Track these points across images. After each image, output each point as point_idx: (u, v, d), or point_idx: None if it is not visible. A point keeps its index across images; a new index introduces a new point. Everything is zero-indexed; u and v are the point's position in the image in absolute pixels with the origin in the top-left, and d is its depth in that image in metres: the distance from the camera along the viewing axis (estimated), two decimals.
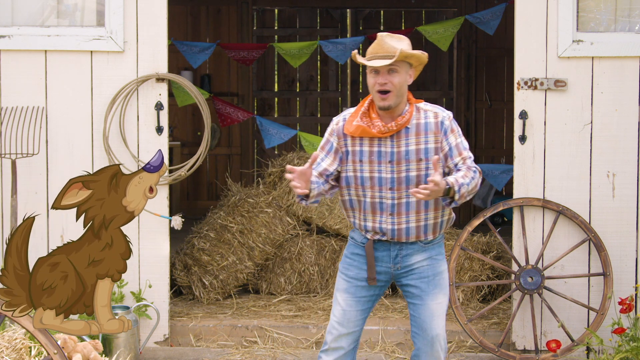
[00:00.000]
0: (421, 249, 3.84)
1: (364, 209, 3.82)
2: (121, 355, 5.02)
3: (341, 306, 3.88)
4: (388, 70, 3.73)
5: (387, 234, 3.80)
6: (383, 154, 3.76)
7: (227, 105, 7.71)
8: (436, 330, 3.81)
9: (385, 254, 3.84)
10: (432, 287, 3.84)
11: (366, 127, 3.74)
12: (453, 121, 3.85)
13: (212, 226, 6.56)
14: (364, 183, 3.79)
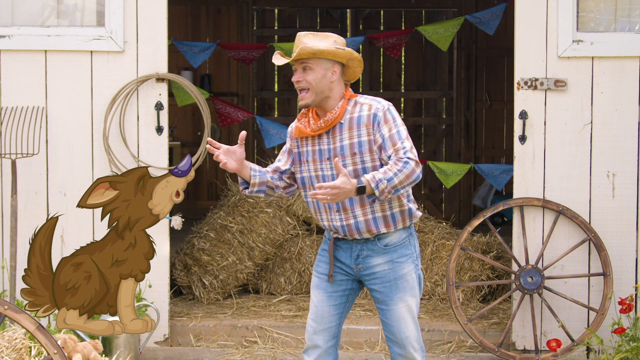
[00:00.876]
0: (381, 251, 3.79)
1: (318, 209, 3.83)
2: (121, 355, 5.02)
3: (314, 302, 3.90)
4: (303, 69, 3.74)
5: (340, 231, 3.80)
6: (322, 151, 3.78)
7: (227, 105, 7.71)
8: (405, 334, 3.79)
9: (347, 253, 3.84)
10: (394, 292, 3.79)
11: (302, 127, 3.79)
12: (389, 112, 3.76)
13: (212, 226, 6.56)
14: (312, 183, 3.82)
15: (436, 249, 6.45)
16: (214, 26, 10.08)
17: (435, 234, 6.53)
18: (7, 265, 5.36)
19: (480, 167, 6.88)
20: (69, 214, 5.37)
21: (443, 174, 6.88)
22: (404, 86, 10.36)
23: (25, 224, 5.32)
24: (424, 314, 6.06)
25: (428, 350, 5.63)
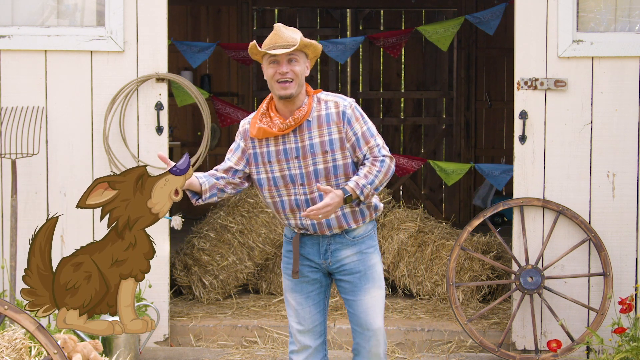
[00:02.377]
0: (349, 242, 3.82)
1: (284, 209, 3.81)
2: (121, 355, 5.02)
3: (292, 306, 3.89)
4: (288, 60, 3.72)
5: (310, 229, 3.80)
6: (289, 150, 3.75)
7: (226, 105, 7.71)
8: (373, 325, 3.81)
9: (314, 249, 3.84)
10: (364, 282, 3.82)
11: (266, 127, 3.74)
12: (356, 109, 3.78)
13: (212, 226, 6.56)
14: (276, 183, 3.79)
15: (436, 249, 6.45)
16: (214, 26, 10.08)
17: (435, 234, 6.53)
18: (7, 265, 5.36)
19: (480, 167, 6.88)
20: (69, 214, 5.37)
21: (444, 172, 6.89)
22: (404, 86, 10.36)
23: (25, 224, 5.32)
24: (423, 314, 6.06)
25: (428, 350, 5.63)
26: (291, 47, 3.69)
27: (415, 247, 6.49)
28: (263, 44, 3.77)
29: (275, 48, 3.70)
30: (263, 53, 3.75)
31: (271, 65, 3.73)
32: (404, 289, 6.54)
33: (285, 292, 3.93)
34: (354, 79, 10.28)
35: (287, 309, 3.94)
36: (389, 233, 6.56)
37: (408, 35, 7.69)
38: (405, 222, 6.59)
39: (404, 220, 6.61)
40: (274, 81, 3.72)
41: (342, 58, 7.45)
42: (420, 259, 6.45)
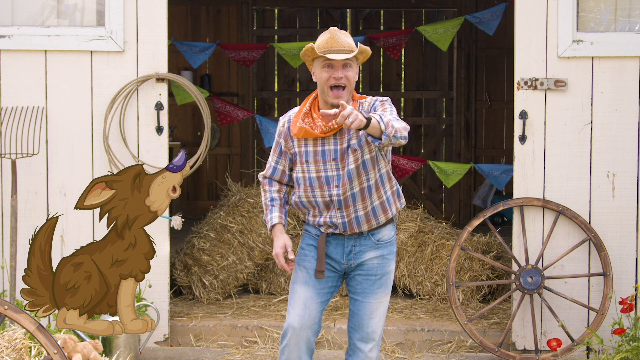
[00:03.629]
0: (374, 245, 3.84)
1: (319, 208, 3.82)
2: (121, 355, 5.02)
3: (301, 299, 3.84)
4: (343, 65, 3.70)
5: (339, 227, 3.80)
6: (327, 152, 3.76)
7: (226, 103, 7.71)
8: (372, 328, 3.83)
9: (339, 249, 3.84)
10: (377, 287, 3.85)
11: (308, 128, 3.74)
12: (386, 101, 3.78)
13: (212, 226, 6.56)
14: (312, 184, 3.79)
15: (436, 249, 6.45)
16: (214, 26, 10.08)
17: (435, 234, 6.53)
18: (7, 265, 5.36)
19: (480, 167, 6.88)
20: (69, 214, 5.37)
21: (443, 174, 6.89)
22: (404, 86, 10.36)
23: (25, 224, 5.32)
24: (423, 314, 6.06)
25: (428, 350, 5.63)
26: (350, 53, 3.68)
27: (415, 247, 6.49)
28: (317, 45, 3.72)
29: (332, 52, 3.67)
30: (316, 56, 3.71)
31: (325, 69, 3.71)
32: (404, 289, 6.54)
33: (295, 283, 3.88)
34: None
35: (290, 302, 3.87)
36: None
37: (408, 36, 7.69)
38: (405, 222, 6.59)
39: (404, 220, 6.61)
40: (327, 86, 3.71)
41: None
42: (420, 259, 6.45)
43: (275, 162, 3.92)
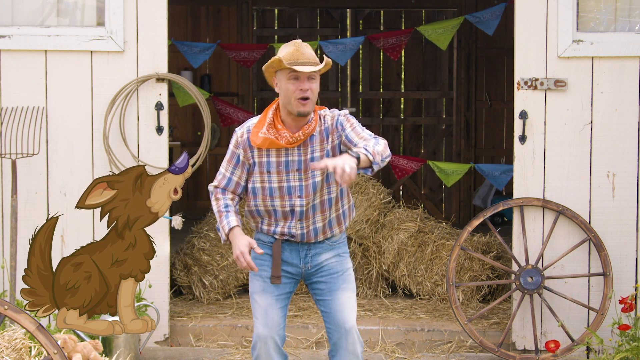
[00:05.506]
0: (328, 247, 3.90)
1: (275, 217, 3.85)
2: (121, 355, 5.02)
3: (262, 307, 3.85)
4: (308, 78, 3.74)
5: (297, 237, 3.85)
6: (291, 163, 3.78)
7: (227, 105, 7.71)
8: (350, 323, 3.84)
9: (294, 254, 3.89)
10: (341, 282, 3.89)
11: (274, 139, 3.74)
12: (348, 116, 3.86)
13: (212, 226, 6.56)
14: (272, 193, 3.81)
15: (436, 249, 6.45)
16: (214, 26, 10.08)
17: (435, 234, 6.53)
18: (7, 265, 5.36)
19: (480, 167, 6.88)
20: (69, 214, 5.37)
21: (443, 174, 6.89)
22: (404, 86, 10.36)
23: (25, 224, 5.32)
24: (423, 314, 6.06)
25: (428, 350, 5.63)
26: (317, 66, 3.73)
27: (415, 247, 6.49)
28: (282, 57, 3.73)
29: (298, 64, 3.70)
30: (282, 67, 3.72)
31: (291, 82, 3.73)
32: (404, 289, 6.54)
33: (254, 293, 3.90)
34: (354, 79, 10.28)
35: (254, 313, 3.90)
36: (389, 233, 6.56)
37: (408, 36, 7.68)
38: (405, 222, 6.59)
39: (404, 220, 6.61)
40: (293, 97, 3.73)
41: (342, 59, 7.45)
42: (420, 259, 6.45)
43: (230, 173, 3.88)
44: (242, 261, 3.70)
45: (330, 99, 10.33)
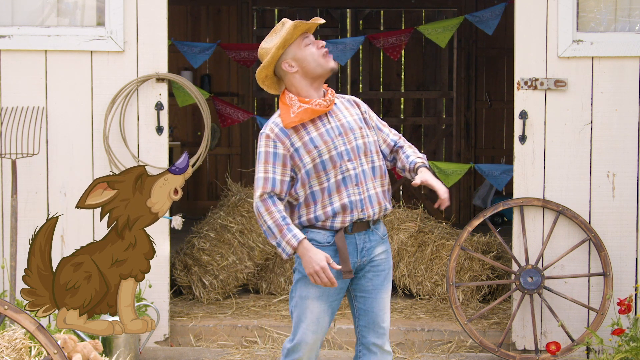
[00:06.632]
0: (380, 240, 3.82)
1: (329, 192, 3.69)
2: (121, 355, 5.02)
3: (314, 314, 3.73)
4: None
5: (357, 206, 3.70)
6: (330, 130, 3.73)
7: (227, 105, 7.71)
8: (387, 323, 3.82)
9: (351, 248, 3.74)
10: (386, 281, 3.83)
11: (310, 106, 3.69)
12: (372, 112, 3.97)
13: (212, 226, 6.56)
14: (325, 167, 3.69)
15: (436, 249, 6.45)
16: (214, 26, 10.08)
17: (435, 234, 6.53)
18: (7, 265, 5.36)
19: (480, 167, 6.88)
20: (69, 214, 5.37)
21: (443, 174, 6.88)
22: (404, 86, 10.36)
23: (25, 224, 5.32)
24: (423, 314, 6.06)
25: (428, 350, 5.63)
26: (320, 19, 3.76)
27: (415, 247, 6.49)
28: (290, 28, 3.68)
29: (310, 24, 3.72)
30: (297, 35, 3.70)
31: (309, 46, 3.72)
32: (404, 289, 6.54)
33: (307, 299, 3.74)
34: (354, 79, 10.28)
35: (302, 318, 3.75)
36: (389, 233, 6.56)
37: (408, 36, 7.68)
38: (405, 222, 6.59)
39: (404, 220, 6.61)
40: (319, 56, 3.71)
41: (342, 59, 7.45)
42: (420, 259, 6.45)
43: (272, 173, 3.68)
44: (322, 276, 3.54)
45: None
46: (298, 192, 3.73)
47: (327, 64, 3.74)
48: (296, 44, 3.72)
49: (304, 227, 3.75)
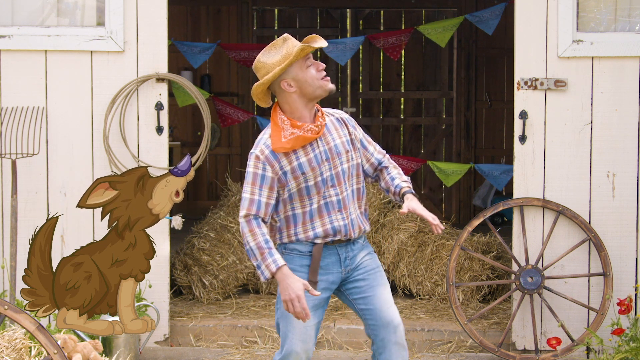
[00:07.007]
0: (360, 246, 3.85)
1: (310, 216, 3.72)
2: (121, 355, 5.02)
3: (301, 324, 3.72)
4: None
5: (341, 231, 3.74)
6: (319, 156, 3.73)
7: (227, 105, 7.71)
8: (398, 318, 3.79)
9: (334, 259, 3.77)
10: (379, 277, 3.84)
11: (302, 134, 3.68)
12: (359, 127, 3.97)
13: (212, 226, 6.56)
14: (309, 192, 3.72)
15: (436, 249, 6.45)
16: (214, 26, 10.08)
17: (435, 234, 6.52)
18: (7, 265, 5.36)
19: (480, 167, 6.88)
20: (69, 214, 5.37)
21: (443, 174, 6.89)
22: (404, 86, 10.36)
23: (25, 224, 5.32)
24: (423, 314, 6.06)
25: (428, 350, 5.63)
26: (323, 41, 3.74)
27: (415, 247, 6.49)
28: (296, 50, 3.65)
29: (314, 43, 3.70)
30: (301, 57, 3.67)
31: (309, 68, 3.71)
32: (404, 289, 6.54)
33: None
34: (354, 79, 10.28)
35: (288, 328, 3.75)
36: (389, 233, 6.56)
37: (408, 36, 7.69)
38: (405, 222, 6.59)
39: (404, 220, 6.61)
40: (319, 78, 3.71)
41: (342, 59, 7.45)
42: (420, 259, 6.45)
43: (258, 195, 3.68)
44: (296, 305, 3.53)
45: (330, 99, 10.33)
46: (279, 213, 3.77)
47: (326, 87, 3.74)
48: (298, 65, 3.71)
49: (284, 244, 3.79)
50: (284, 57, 3.67)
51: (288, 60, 3.66)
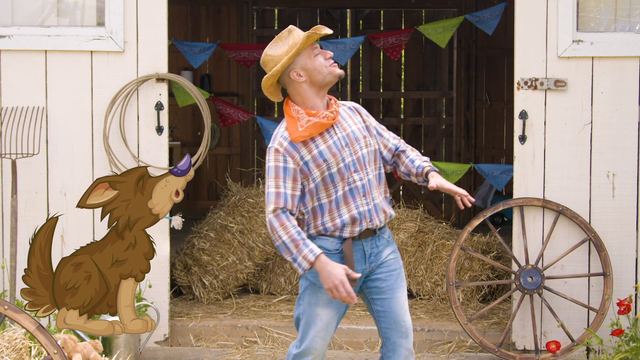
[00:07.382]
0: (387, 243, 3.83)
1: (337, 204, 3.69)
2: (121, 355, 5.02)
3: (323, 321, 3.74)
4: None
5: (366, 216, 3.71)
6: (338, 142, 3.72)
7: (227, 105, 7.71)
8: (410, 322, 3.83)
9: (359, 255, 3.75)
10: (400, 280, 3.83)
11: (318, 120, 3.67)
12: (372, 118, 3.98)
13: (212, 226, 6.56)
14: (333, 179, 3.69)
15: (436, 249, 6.45)
16: (214, 26, 10.08)
17: (435, 234, 6.53)
18: (7, 265, 5.36)
19: (480, 167, 6.88)
20: (69, 214, 5.37)
21: (443, 174, 6.87)
22: (404, 86, 10.36)
23: (25, 224, 5.32)
24: (423, 314, 6.06)
25: (428, 350, 5.63)
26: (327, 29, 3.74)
27: (415, 247, 6.49)
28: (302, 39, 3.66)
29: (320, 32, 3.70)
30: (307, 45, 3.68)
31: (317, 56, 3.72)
32: None
33: (317, 306, 3.75)
34: (354, 79, 10.28)
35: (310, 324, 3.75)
36: None
37: (408, 36, 7.69)
38: (405, 222, 6.59)
39: (404, 220, 6.61)
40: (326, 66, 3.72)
41: (342, 59, 7.45)
42: (420, 259, 6.45)
43: (283, 188, 3.62)
44: (342, 291, 3.50)
45: None
46: (306, 205, 3.73)
47: (334, 73, 3.74)
48: (306, 54, 3.71)
49: (311, 236, 3.75)
50: (291, 47, 3.67)
51: (295, 49, 3.65)
